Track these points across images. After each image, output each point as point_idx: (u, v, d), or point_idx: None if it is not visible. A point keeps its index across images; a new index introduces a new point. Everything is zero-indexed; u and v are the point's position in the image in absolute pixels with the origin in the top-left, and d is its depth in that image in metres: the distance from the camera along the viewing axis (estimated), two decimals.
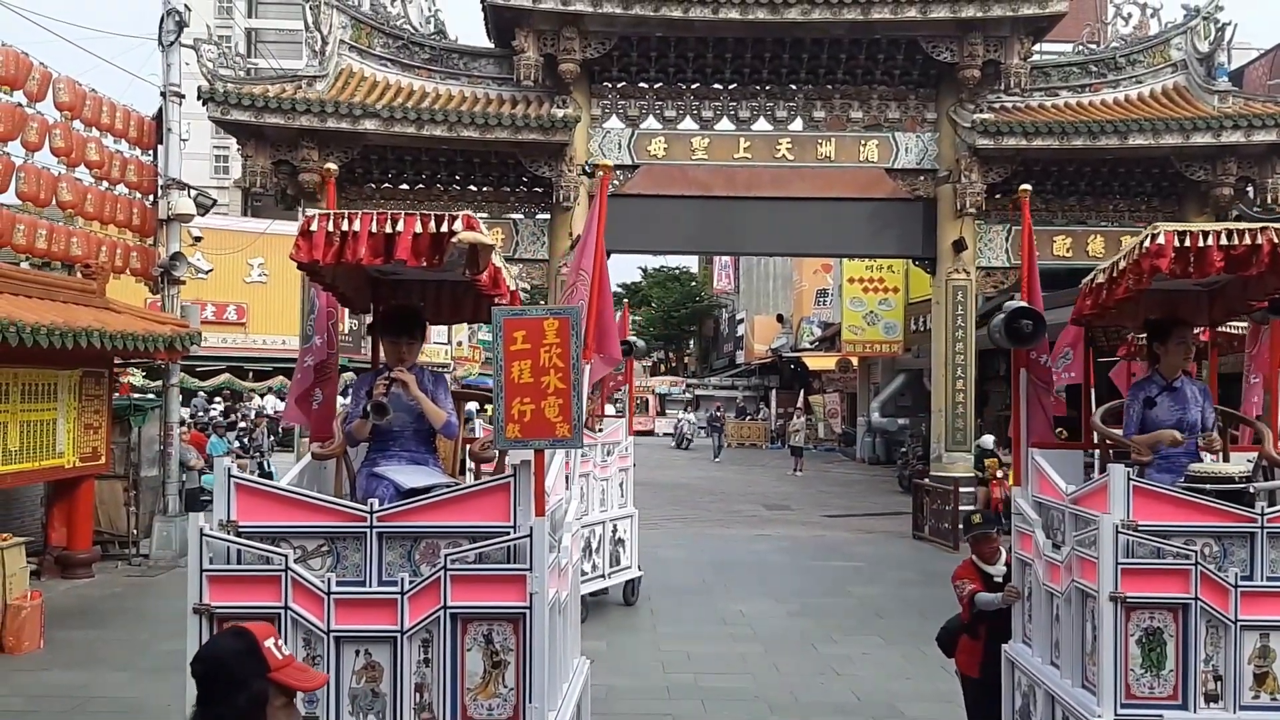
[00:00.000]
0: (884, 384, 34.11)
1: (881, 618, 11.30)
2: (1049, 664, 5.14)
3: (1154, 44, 17.37)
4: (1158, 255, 4.37)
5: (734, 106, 17.61)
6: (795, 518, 20.13)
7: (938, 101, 17.44)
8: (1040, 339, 5.44)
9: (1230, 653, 4.38)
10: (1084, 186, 17.24)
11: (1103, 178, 17.24)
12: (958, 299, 17.43)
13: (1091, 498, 4.78)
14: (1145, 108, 16.91)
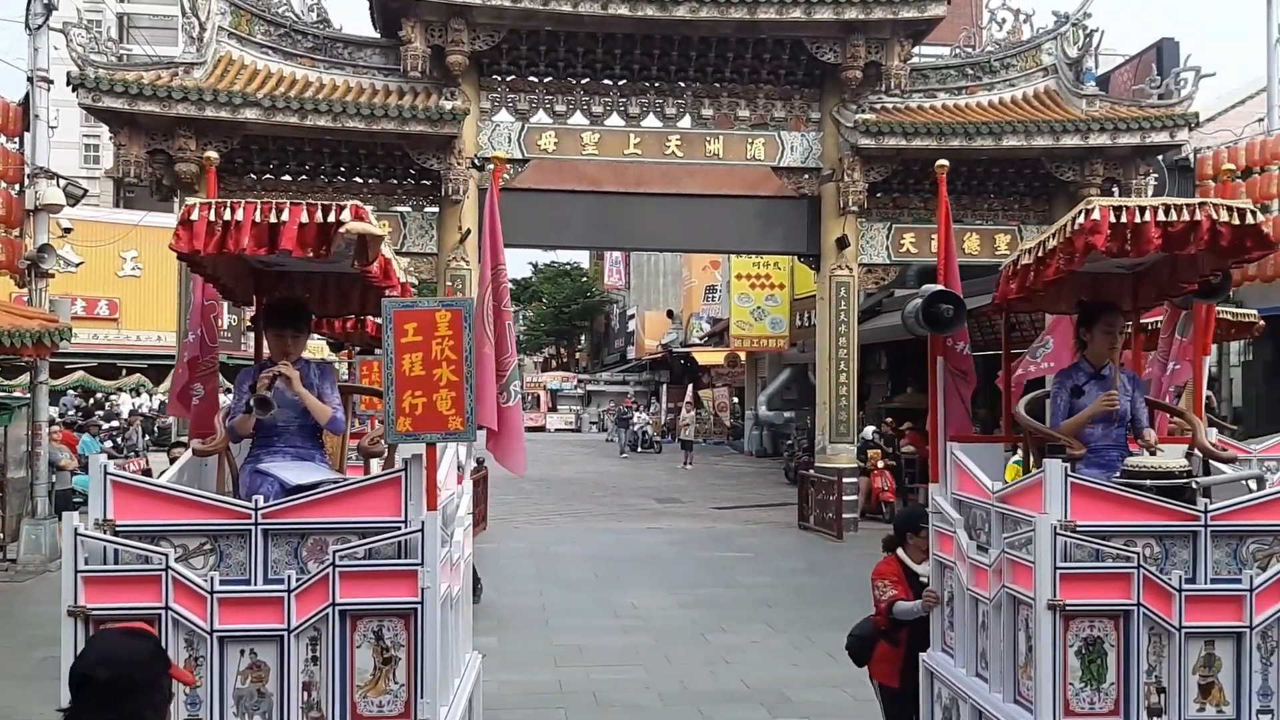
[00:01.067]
0: (771, 378, 34.68)
1: (770, 606, 11.50)
2: (974, 675, 4.76)
3: (1026, 49, 18.02)
4: (1093, 232, 4.01)
5: (624, 102, 17.67)
6: (685, 510, 20.33)
7: (822, 101, 17.80)
8: (960, 324, 5.12)
9: (1174, 662, 4.03)
10: (960, 186, 17.79)
11: (978, 178, 17.82)
12: (841, 295, 17.83)
13: (1023, 495, 4.41)
14: (1018, 110, 17.54)
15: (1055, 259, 4.29)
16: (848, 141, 17.16)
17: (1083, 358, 4.93)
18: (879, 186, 17.70)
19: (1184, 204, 4.06)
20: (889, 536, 5.94)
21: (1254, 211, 4.06)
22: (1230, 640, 4.04)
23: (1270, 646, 4.05)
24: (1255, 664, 4.03)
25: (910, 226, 18.10)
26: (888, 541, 5.91)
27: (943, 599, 5.18)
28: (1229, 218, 4.01)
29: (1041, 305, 5.59)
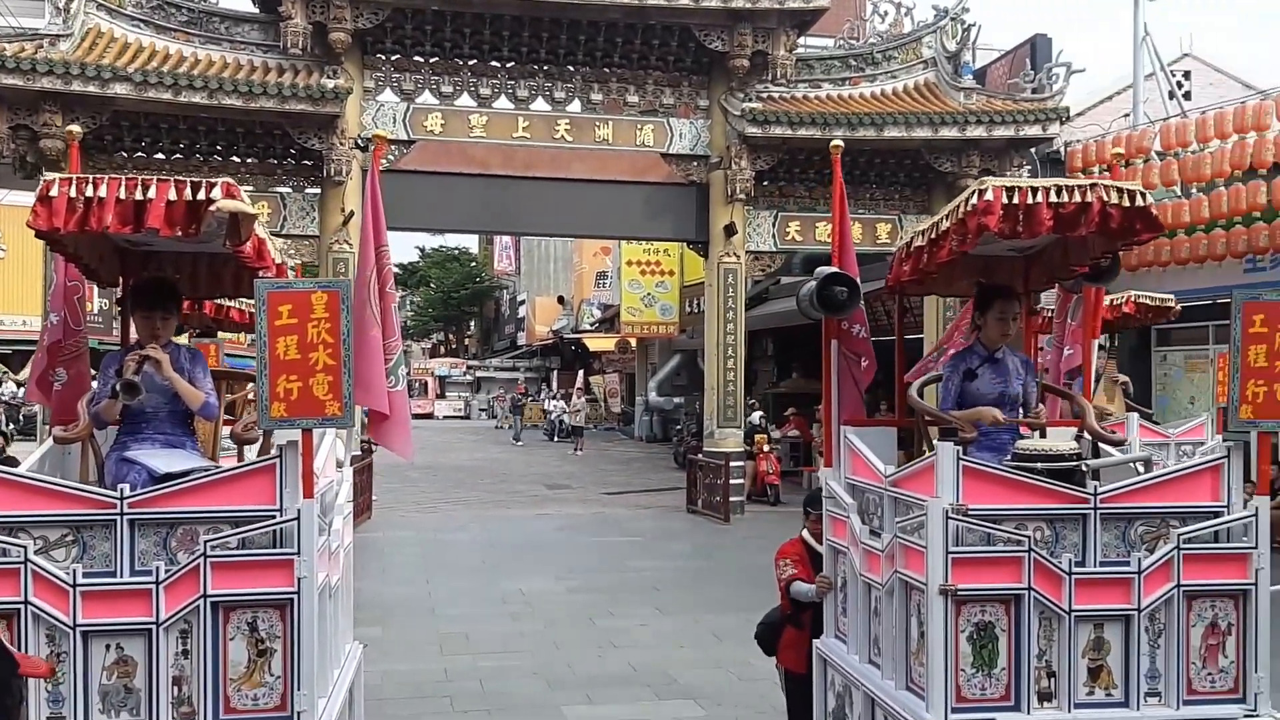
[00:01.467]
0: (661, 364, 34.90)
1: (658, 590, 11.58)
2: (867, 662, 4.69)
3: (907, 42, 18.43)
4: (986, 212, 4.00)
5: (512, 85, 17.50)
6: (575, 496, 20.33)
7: (710, 89, 17.92)
8: (855, 307, 5.05)
9: (1064, 646, 4.01)
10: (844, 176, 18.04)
11: (860, 168, 18.16)
12: (729, 282, 18.01)
13: (915, 479, 4.35)
14: (899, 102, 17.94)
15: (948, 240, 4.27)
16: (735, 130, 17.32)
17: (977, 341, 4.91)
18: (766, 175, 17.91)
19: (1075, 185, 4.05)
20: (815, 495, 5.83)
21: (1143, 194, 4.08)
22: (1119, 623, 4.04)
23: (1158, 629, 4.06)
24: (1143, 646, 4.03)
25: (796, 215, 18.38)
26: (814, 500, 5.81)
27: (836, 584, 5.13)
28: (1119, 199, 4.04)
29: (935, 288, 5.58)
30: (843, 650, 4.95)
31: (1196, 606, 4.10)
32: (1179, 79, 20.34)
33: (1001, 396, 4.76)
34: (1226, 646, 4.12)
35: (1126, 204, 4.04)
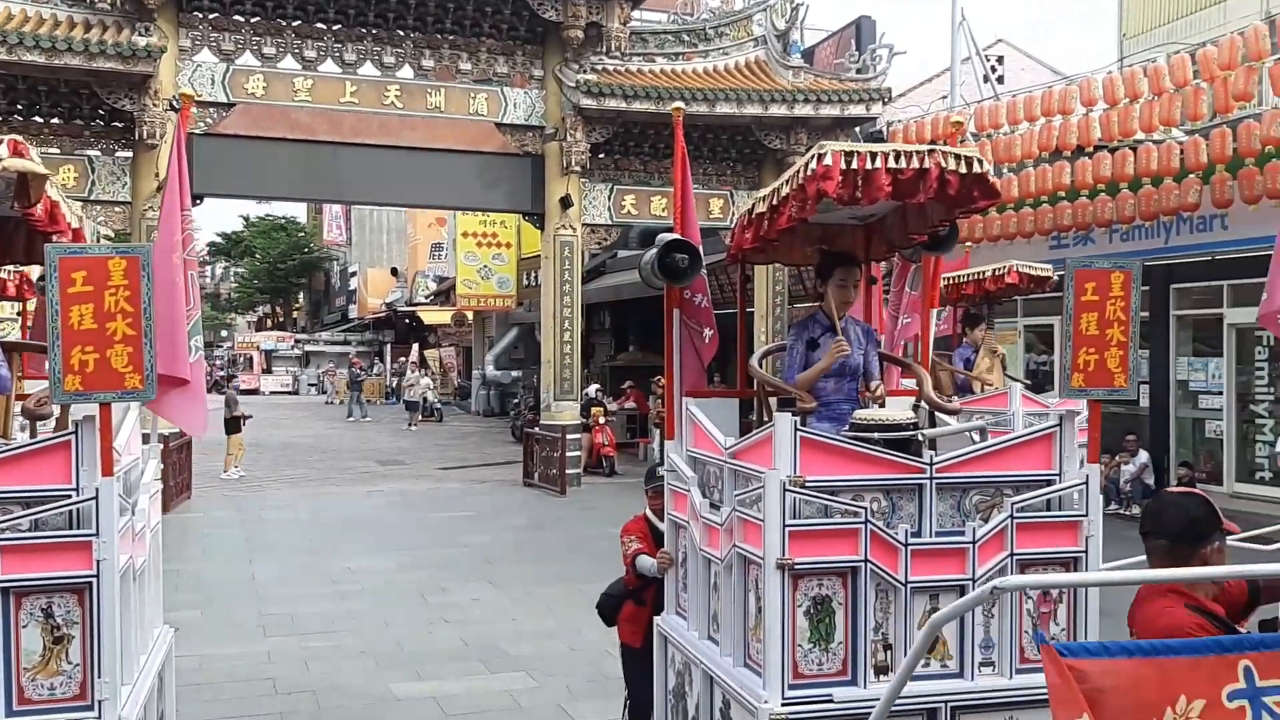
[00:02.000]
0: (498, 337, 34.64)
1: (492, 564, 11.52)
2: (706, 639, 4.56)
3: (738, 19, 18.72)
4: (825, 178, 3.89)
5: (339, 49, 16.93)
6: (409, 472, 20.00)
7: (544, 59, 17.76)
8: (697, 275, 4.95)
9: (900, 618, 3.93)
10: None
11: (694, 143, 18.34)
12: (565, 254, 17.97)
13: (754, 451, 4.23)
14: (731, 78, 18.20)
15: (788, 206, 4.15)
16: (570, 101, 17.24)
17: (819, 310, 4.86)
18: (601, 147, 17.93)
19: (914, 151, 3.98)
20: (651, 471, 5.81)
21: (980, 160, 4.05)
22: (954, 593, 3.96)
23: (993, 598, 4.10)
24: (978, 616, 3.99)
25: (631, 188, 18.46)
26: (649, 476, 5.78)
27: (677, 560, 4.98)
28: (957, 165, 3.99)
29: (777, 256, 5.49)
30: (683, 627, 4.83)
31: (1030, 575, 4.04)
32: (993, 63, 21.33)
33: (844, 366, 4.72)
34: (1059, 614, 4.13)
35: (964, 170, 4.01)
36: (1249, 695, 2.41)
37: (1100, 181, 15.07)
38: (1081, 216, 15.55)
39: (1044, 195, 16.12)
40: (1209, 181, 13.61)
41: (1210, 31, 16.94)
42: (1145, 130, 14.72)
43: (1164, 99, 14.31)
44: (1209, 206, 13.74)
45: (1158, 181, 14.32)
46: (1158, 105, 14.39)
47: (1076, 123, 15.59)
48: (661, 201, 18.20)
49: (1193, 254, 14.51)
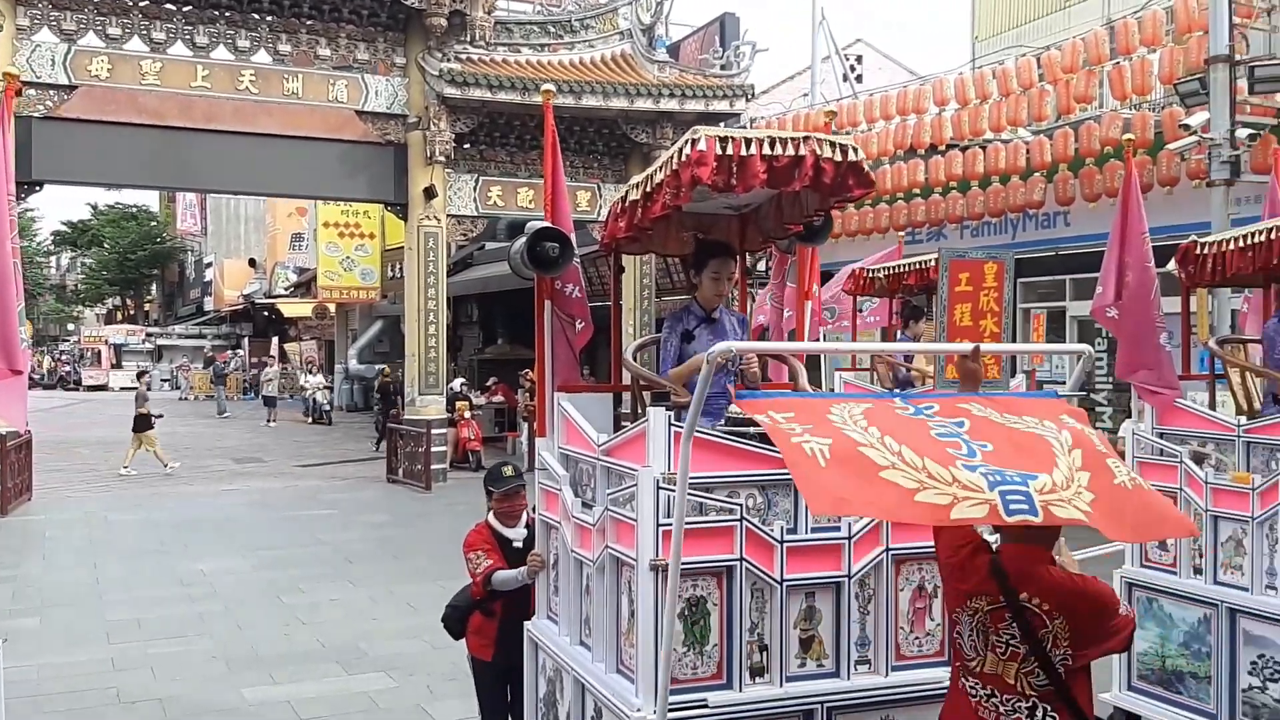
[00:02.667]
0: (362, 331, 33.92)
1: (352, 563, 11.27)
2: (578, 644, 4.36)
3: (604, 12, 18.72)
4: (699, 163, 3.75)
5: (190, 30, 16.27)
6: (267, 469, 19.41)
7: (407, 47, 17.44)
8: (568, 264, 4.75)
9: (776, 618, 3.82)
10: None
11: (560, 135, 17.93)
12: (429, 245, 17.70)
13: (627, 447, 4.05)
14: (597, 71, 18.20)
15: (662, 193, 4.00)
16: (433, 90, 16.98)
17: (694, 300, 4.75)
18: (466, 138, 17.71)
19: (789, 138, 3.89)
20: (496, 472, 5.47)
21: (855, 148, 3.99)
22: (830, 591, 3.89)
23: (867, 594, 3.97)
24: (854, 613, 3.94)
25: (498, 179, 18.30)
26: (495, 476, 5.44)
27: (548, 562, 4.76)
28: (832, 153, 3.91)
29: (652, 246, 5.34)
30: (554, 632, 4.62)
31: (904, 570, 4.02)
32: (852, 63, 21.87)
33: None
34: (933, 609, 4.07)
35: (839, 158, 3.93)
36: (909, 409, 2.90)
37: (952, 179, 15.64)
38: (935, 213, 16.10)
39: (900, 192, 16.64)
40: (1052, 180, 14.26)
41: (1056, 36, 17.72)
42: (994, 130, 15.34)
43: (1011, 100, 14.92)
44: (1053, 204, 14.41)
45: (1005, 179, 14.94)
46: (1005, 106, 15.00)
47: (930, 122, 16.13)
48: (529, 193, 18.09)
49: (1038, 249, 15.17)
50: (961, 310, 4.05)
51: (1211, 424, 5.68)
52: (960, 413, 2.95)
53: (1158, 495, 2.94)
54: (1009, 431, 2.90)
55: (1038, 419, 2.97)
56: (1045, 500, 2.65)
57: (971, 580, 3.13)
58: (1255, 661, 5.19)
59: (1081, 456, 2.84)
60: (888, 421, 2.82)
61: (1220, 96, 11.29)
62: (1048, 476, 2.72)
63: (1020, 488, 2.64)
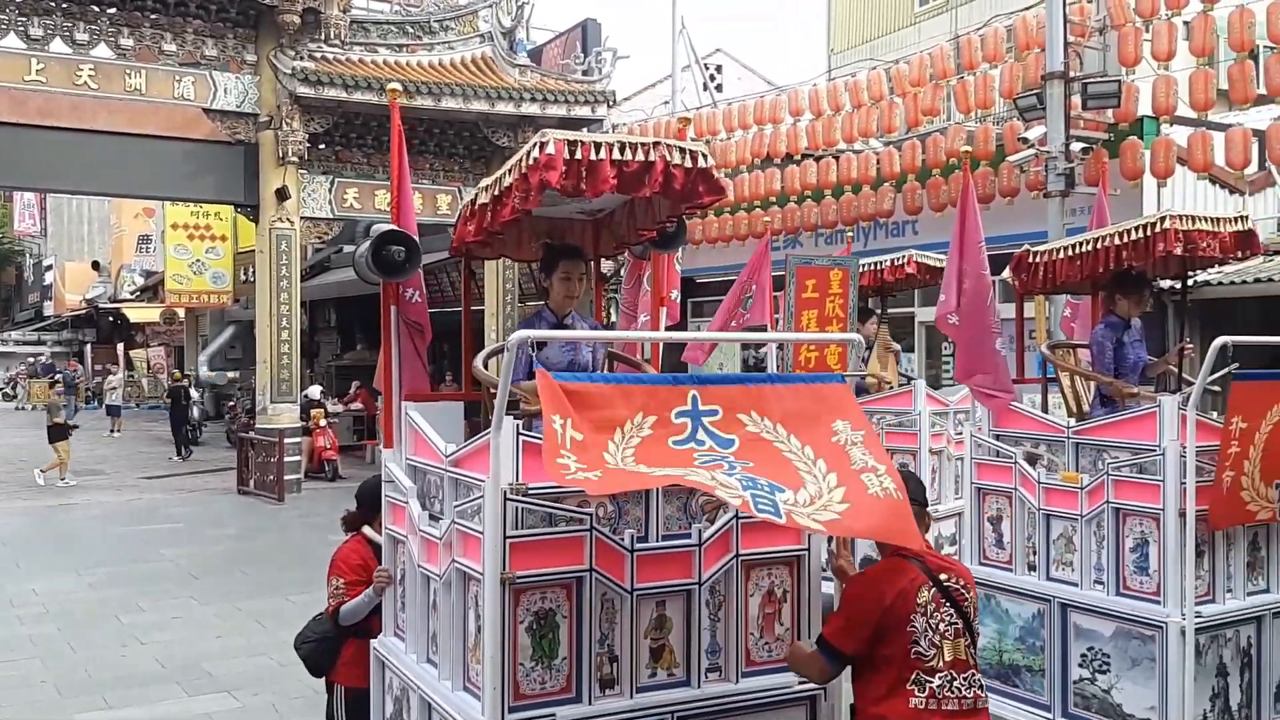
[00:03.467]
0: (213, 336, 32.72)
1: (197, 578, 10.83)
2: (425, 661, 4.25)
3: (464, 14, 18.52)
4: (547, 167, 3.69)
5: (24, 22, 15.44)
6: (109, 482, 18.52)
7: (258, 44, 16.92)
8: (414, 269, 4.63)
9: (626, 628, 3.75)
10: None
11: (419, 137, 18.03)
12: (282, 248, 17.19)
13: (475, 458, 3.95)
14: (457, 73, 17.99)
15: (511, 197, 3.93)
16: (286, 88, 16.51)
17: (546, 306, 4.70)
18: (321, 138, 17.28)
19: (639, 143, 3.84)
20: (352, 513, 5.13)
21: (705, 155, 3.97)
22: (681, 599, 3.85)
23: (718, 601, 3.94)
24: (704, 621, 3.90)
25: (354, 181, 17.90)
26: (351, 519, 5.12)
27: (396, 577, 4.63)
28: (682, 160, 3.87)
29: (504, 251, 5.22)
30: (401, 649, 4.49)
31: (754, 576, 4.00)
32: (712, 72, 22.18)
33: (571, 365, 4.51)
34: (783, 614, 4.07)
35: (689, 164, 3.89)
36: (691, 415, 3.30)
37: (807, 188, 16.00)
38: (790, 221, 16.44)
39: (757, 200, 16.93)
40: (901, 190, 14.72)
41: (907, 50, 18.33)
42: (846, 140, 15.76)
43: (862, 112, 15.35)
44: (902, 213, 14.86)
45: (857, 189, 15.36)
46: (857, 117, 15.43)
47: (786, 132, 16.47)
48: (386, 196, 17.69)
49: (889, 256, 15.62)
50: (808, 316, 4.15)
51: (1044, 426, 5.93)
52: (736, 426, 3.30)
53: (901, 506, 3.36)
54: (773, 451, 3.31)
55: (800, 442, 3.37)
56: (789, 508, 3.12)
57: (910, 586, 3.55)
58: (1085, 654, 5.43)
59: (837, 478, 3.30)
60: (654, 457, 3.17)
61: (1056, 112, 11.84)
62: (792, 494, 3.17)
63: (767, 494, 3.08)
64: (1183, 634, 4.93)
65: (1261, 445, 4.94)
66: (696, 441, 3.28)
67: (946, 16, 21.34)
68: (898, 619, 3.53)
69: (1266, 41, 11.53)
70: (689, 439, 3.28)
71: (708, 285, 19.31)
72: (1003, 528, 5.90)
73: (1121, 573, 5.25)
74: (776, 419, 3.40)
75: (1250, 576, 5.33)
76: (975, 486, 6.04)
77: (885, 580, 3.60)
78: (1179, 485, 4.93)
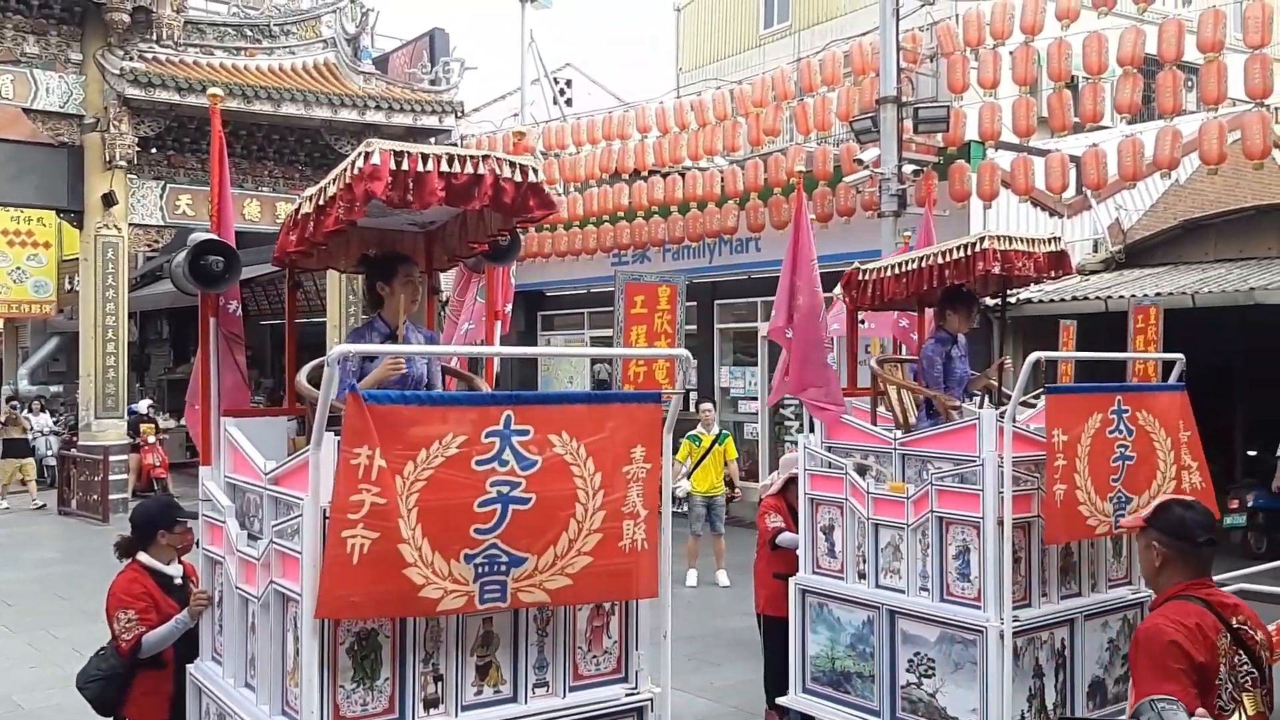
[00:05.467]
0: (35, 348, 30.92)
1: (10, 605, 10.18)
2: (244, 685, 4.15)
3: (306, 18, 18.06)
4: (373, 177, 3.60)
5: None
6: None
7: (84, 42, 16.10)
8: (234, 280, 4.49)
9: (451, 647, 3.72)
10: (240, 150, 17.29)
11: (259, 143, 17.46)
12: (109, 256, 16.36)
13: (295, 475, 3.87)
14: (298, 79, 17.50)
15: (335, 207, 3.82)
16: (114, 90, 15.75)
17: (378, 317, 4.60)
18: (152, 142, 16.54)
19: (469, 155, 3.78)
20: (126, 539, 4.86)
21: (536, 169, 3.92)
22: (508, 615, 3.84)
23: (546, 616, 3.93)
24: (532, 636, 3.92)
25: (187, 187, 17.20)
26: (125, 545, 4.84)
27: (214, 599, 4.50)
28: (512, 173, 3.82)
29: (331, 262, 5.10)
30: (218, 674, 4.36)
31: None
32: (562, 86, 22.22)
33: (404, 378, 4.40)
34: (610, 627, 4.11)
35: (519, 179, 3.84)
36: (501, 434, 3.43)
37: (654, 203, 16.17)
38: (638, 236, 16.59)
39: (606, 214, 17.03)
40: (745, 207, 15.03)
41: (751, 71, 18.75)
42: (692, 158, 16.02)
43: (707, 130, 15.63)
44: (745, 230, 15.18)
45: (703, 206, 15.61)
46: (703, 136, 15.69)
47: (634, 147, 16.62)
48: None
49: (733, 273, 15.95)
50: (637, 331, 4.20)
51: (872, 438, 6.12)
52: (545, 446, 3.48)
53: (645, 558, 3.66)
54: (566, 480, 3.52)
55: (594, 468, 3.56)
56: (517, 586, 3.43)
57: (1206, 632, 2.96)
58: (912, 659, 5.61)
59: (601, 520, 3.55)
60: (439, 494, 3.31)
61: (889, 135, 12.29)
62: (535, 559, 3.43)
63: (500, 578, 3.38)
64: (1001, 637, 5.15)
65: (1086, 458, 5.19)
66: (500, 462, 3.41)
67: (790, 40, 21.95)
68: (1209, 680, 2.95)
69: (1083, 72, 12.24)
70: (493, 459, 3.40)
71: (557, 299, 19.32)
72: (834, 537, 6.06)
73: (945, 579, 5.45)
74: (585, 440, 3.58)
75: (1063, 581, 5.60)
76: (808, 497, 6.19)
77: (1197, 641, 2.96)
78: (997, 494, 5.16)
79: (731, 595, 10.71)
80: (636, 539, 3.72)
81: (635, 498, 3.71)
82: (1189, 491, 5.30)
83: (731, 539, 11.60)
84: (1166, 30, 11.36)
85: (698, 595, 10.73)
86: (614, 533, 3.67)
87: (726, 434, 11.48)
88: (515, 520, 3.47)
